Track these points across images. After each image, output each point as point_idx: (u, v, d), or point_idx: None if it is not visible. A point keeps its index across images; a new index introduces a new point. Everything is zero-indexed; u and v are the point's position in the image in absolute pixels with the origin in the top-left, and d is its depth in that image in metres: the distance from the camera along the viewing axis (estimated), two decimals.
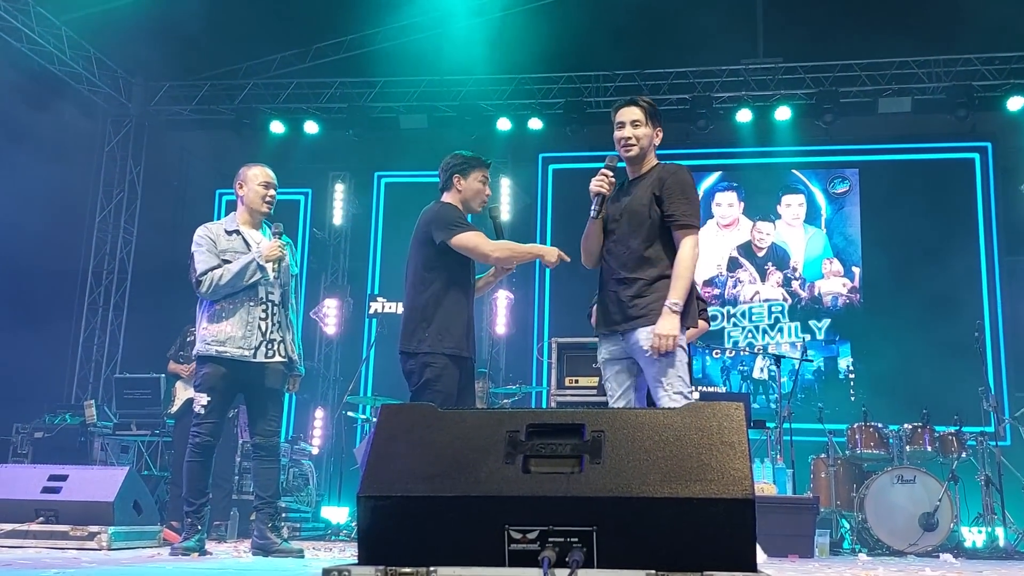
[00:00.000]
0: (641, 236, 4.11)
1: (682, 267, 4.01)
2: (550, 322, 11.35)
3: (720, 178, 11.51)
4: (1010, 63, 10.18)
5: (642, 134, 4.23)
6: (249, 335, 4.94)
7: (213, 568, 4.05)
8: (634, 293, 4.07)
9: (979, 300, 10.57)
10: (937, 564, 5.87)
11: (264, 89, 11.26)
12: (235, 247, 5.04)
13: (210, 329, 4.94)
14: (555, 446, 2.26)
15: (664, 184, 4.11)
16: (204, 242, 5.02)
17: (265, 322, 5.01)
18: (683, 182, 4.12)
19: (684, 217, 4.05)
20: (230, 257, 4.99)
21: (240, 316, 4.95)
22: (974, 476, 7.80)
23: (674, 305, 3.94)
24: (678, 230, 4.05)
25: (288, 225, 11.46)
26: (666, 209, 4.07)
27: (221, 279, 4.92)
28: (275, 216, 5.37)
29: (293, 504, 8.36)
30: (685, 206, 4.06)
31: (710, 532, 2.06)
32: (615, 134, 4.31)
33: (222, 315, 4.95)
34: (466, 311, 4.52)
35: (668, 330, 3.91)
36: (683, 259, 4.02)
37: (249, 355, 4.92)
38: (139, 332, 10.91)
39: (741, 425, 2.20)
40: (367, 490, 2.22)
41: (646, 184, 4.17)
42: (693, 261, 4.03)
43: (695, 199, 4.14)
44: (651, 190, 4.13)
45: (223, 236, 5.06)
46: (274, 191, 5.21)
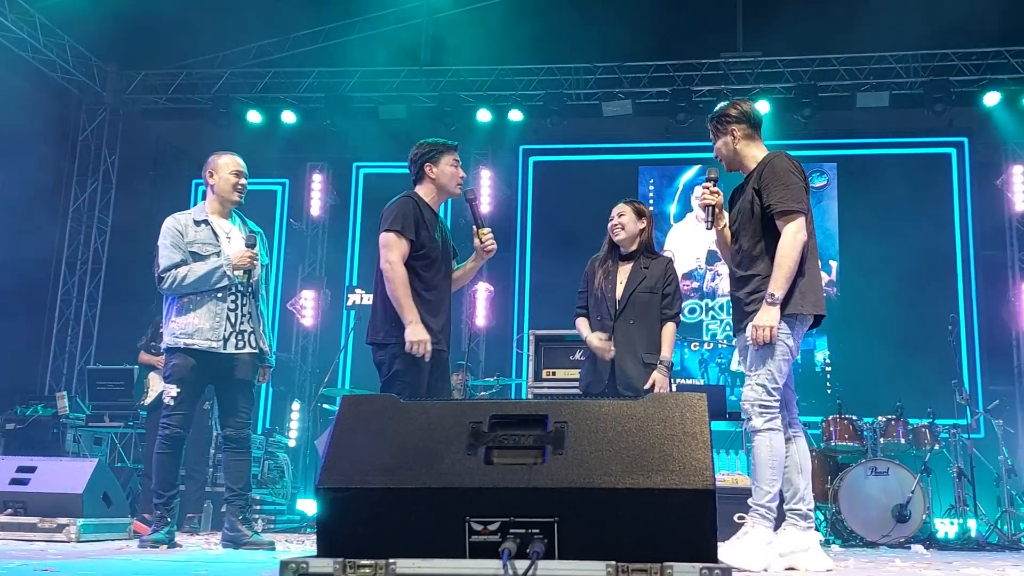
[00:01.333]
0: (749, 233, 4.09)
1: (781, 256, 3.91)
2: (530, 314, 11.34)
3: (700, 172, 11.50)
4: (987, 58, 10.23)
5: (718, 146, 4.25)
6: (218, 326, 4.89)
7: (180, 560, 4.01)
8: (750, 290, 4.06)
9: (954, 294, 10.64)
10: (908, 555, 5.90)
11: (241, 78, 11.17)
12: (203, 238, 4.97)
13: (178, 322, 4.88)
14: (518, 437, 2.24)
15: (761, 175, 4.06)
16: (170, 235, 4.94)
17: (235, 313, 4.96)
18: (777, 168, 4.04)
19: (780, 204, 3.96)
20: (198, 249, 4.92)
21: (208, 308, 4.89)
22: (947, 468, 7.87)
23: (770, 297, 3.89)
24: (779, 219, 3.97)
25: (265, 215, 11.51)
26: (764, 200, 4.01)
27: (184, 280, 4.85)
28: (251, 206, 5.31)
29: (268, 496, 8.31)
30: (781, 192, 3.97)
31: (671, 523, 2.05)
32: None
33: (190, 307, 4.89)
34: (439, 303, 4.48)
35: (764, 321, 3.88)
36: (782, 247, 3.92)
37: (218, 346, 4.87)
38: (113, 323, 10.81)
39: (703, 416, 2.19)
40: (326, 482, 2.19)
41: (752, 180, 4.14)
42: (794, 248, 3.91)
43: (793, 183, 4.01)
44: (752, 185, 4.10)
45: (191, 227, 4.99)
46: (245, 180, 5.14)
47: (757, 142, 4.25)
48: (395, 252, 4.33)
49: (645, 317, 4.78)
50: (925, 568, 4.50)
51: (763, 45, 10.66)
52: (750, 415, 3.98)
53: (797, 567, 3.95)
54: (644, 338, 4.75)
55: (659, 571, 1.98)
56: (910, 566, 4.65)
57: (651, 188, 11.51)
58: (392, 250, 4.33)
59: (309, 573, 2.11)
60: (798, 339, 4.03)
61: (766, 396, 3.95)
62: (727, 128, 4.21)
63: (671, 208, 11.48)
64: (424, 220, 4.44)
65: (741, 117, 4.21)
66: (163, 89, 11.33)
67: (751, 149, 4.21)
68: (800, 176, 4.06)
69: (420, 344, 4.22)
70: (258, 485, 8.29)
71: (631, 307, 4.79)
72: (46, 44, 10.09)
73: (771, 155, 4.14)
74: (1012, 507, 7.92)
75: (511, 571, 1.98)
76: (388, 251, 4.34)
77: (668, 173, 11.61)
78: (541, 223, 11.59)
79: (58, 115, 10.95)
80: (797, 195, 3.98)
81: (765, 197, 4.00)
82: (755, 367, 3.97)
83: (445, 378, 4.55)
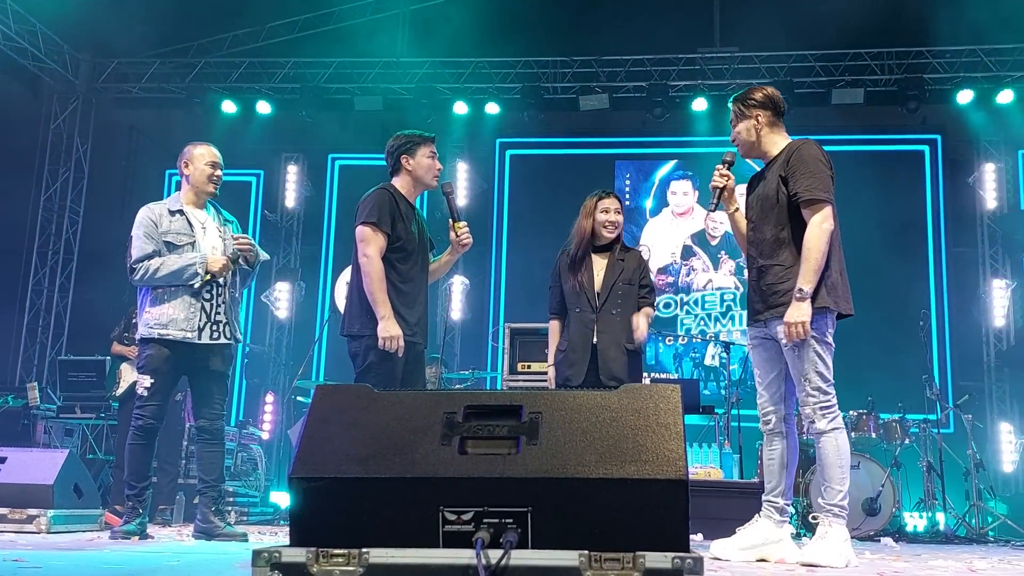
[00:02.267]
0: (772, 221, 4.02)
1: (808, 247, 3.84)
2: (505, 307, 11.34)
3: (676, 167, 11.55)
4: (960, 56, 10.33)
5: (739, 129, 4.17)
6: (192, 317, 4.86)
7: (152, 552, 3.98)
8: (772, 280, 3.99)
9: (926, 290, 10.75)
10: (877, 548, 5.96)
11: (216, 68, 11.08)
12: (177, 228, 4.93)
13: (152, 312, 4.85)
14: (492, 427, 2.24)
15: (788, 162, 3.99)
16: (144, 225, 4.90)
17: (210, 303, 4.92)
18: (806, 156, 3.96)
19: (807, 192, 3.88)
20: (172, 239, 4.89)
21: (183, 299, 4.86)
22: (916, 462, 7.96)
23: (799, 292, 3.82)
24: (805, 208, 3.90)
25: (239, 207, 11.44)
26: (791, 188, 3.93)
27: (157, 272, 4.81)
28: (225, 197, 5.28)
29: (241, 488, 8.27)
30: (808, 180, 3.89)
31: (644, 513, 2.06)
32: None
33: (164, 297, 4.86)
34: (415, 295, 4.47)
35: (795, 317, 3.82)
36: (809, 239, 3.84)
37: (193, 337, 4.84)
38: (85, 314, 10.71)
39: (677, 407, 2.20)
40: (299, 471, 2.19)
41: (776, 167, 4.07)
42: (821, 240, 3.84)
43: (821, 172, 3.93)
44: (778, 172, 4.02)
45: (166, 217, 4.95)
46: (220, 171, 5.10)
47: (780, 130, 4.18)
48: (372, 246, 4.31)
49: (626, 308, 4.82)
50: (894, 560, 4.56)
51: (739, 41, 10.71)
52: (812, 419, 3.93)
53: (768, 558, 3.99)
54: (626, 328, 4.80)
55: (631, 560, 1.99)
56: (879, 558, 4.70)
57: (627, 182, 11.54)
58: (369, 244, 4.32)
59: (282, 563, 2.10)
60: (831, 332, 3.97)
61: (823, 397, 3.91)
62: (752, 112, 4.14)
63: (647, 203, 11.51)
64: (400, 212, 4.42)
65: (767, 102, 4.15)
66: (137, 78, 11.22)
67: (774, 136, 4.15)
68: (828, 166, 4.00)
69: (392, 340, 4.22)
70: (231, 477, 8.25)
71: (613, 298, 4.81)
72: (17, 31, 9.97)
73: (799, 142, 4.06)
74: (980, 501, 8.02)
75: (484, 561, 1.98)
76: (365, 245, 4.32)
77: (644, 168, 11.64)
78: (517, 216, 11.59)
79: (29, 103, 10.82)
80: (825, 184, 3.92)
81: (792, 184, 3.93)
82: (803, 375, 3.92)
83: (420, 371, 4.54)
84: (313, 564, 2.09)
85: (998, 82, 10.29)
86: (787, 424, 4.12)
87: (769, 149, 4.14)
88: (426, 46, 10.62)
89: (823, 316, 3.92)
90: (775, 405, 4.14)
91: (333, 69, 10.94)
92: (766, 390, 4.16)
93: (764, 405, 4.18)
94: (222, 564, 3.39)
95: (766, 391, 4.16)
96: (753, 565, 3.85)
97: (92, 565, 3.25)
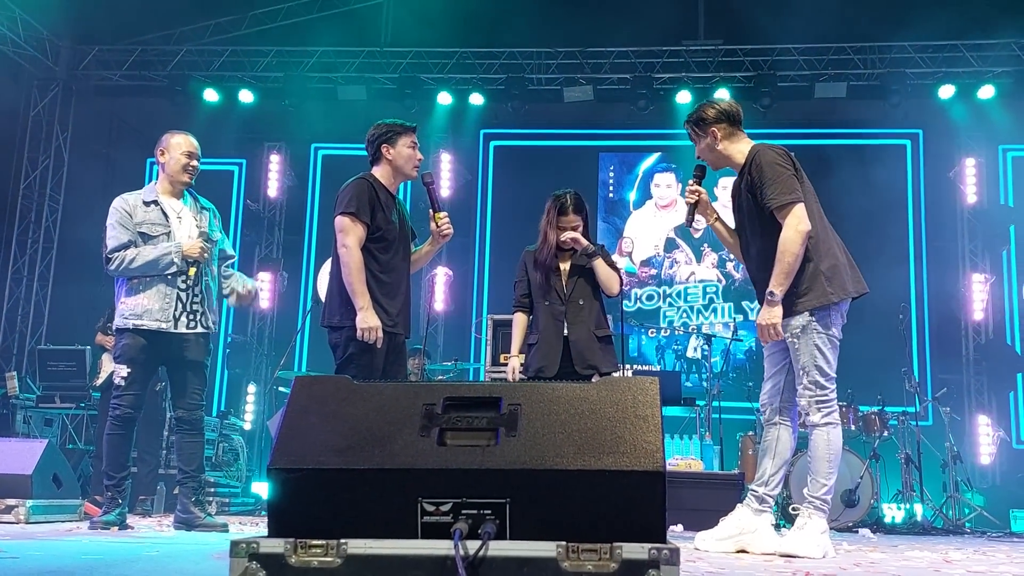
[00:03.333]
0: (758, 232, 4.08)
1: (781, 251, 3.90)
2: (489, 299, 11.34)
3: (659, 159, 11.57)
4: (942, 52, 10.38)
5: (700, 149, 4.24)
6: (167, 307, 4.83)
7: (131, 542, 3.97)
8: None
9: (906, 284, 10.82)
10: (855, 539, 6.01)
11: (198, 56, 11.01)
12: (152, 219, 4.90)
13: (127, 302, 4.83)
14: (471, 419, 2.24)
15: (750, 175, 4.04)
16: (118, 215, 4.88)
17: (186, 293, 4.90)
18: (763, 164, 4.01)
19: (773, 200, 3.94)
20: (147, 229, 4.86)
21: (159, 289, 4.83)
22: (895, 454, 8.02)
23: (770, 296, 3.91)
24: (778, 215, 3.95)
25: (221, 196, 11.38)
26: (760, 201, 3.99)
27: (132, 263, 4.79)
28: (207, 186, 5.25)
29: (223, 479, 8.25)
30: (771, 188, 3.95)
31: (621, 504, 2.06)
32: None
33: (140, 288, 4.83)
34: (396, 285, 4.46)
35: (766, 319, 3.92)
36: (783, 242, 3.90)
37: (168, 326, 4.82)
38: (65, 303, 10.65)
39: (655, 399, 2.21)
40: (278, 462, 2.18)
41: (743, 181, 4.12)
42: (794, 242, 3.89)
43: (780, 175, 3.97)
44: (746, 186, 4.08)
45: (140, 207, 4.92)
46: (197, 161, 5.07)
47: (740, 137, 4.22)
48: (351, 236, 4.30)
49: (591, 297, 4.92)
50: (871, 551, 4.60)
51: (724, 34, 10.73)
52: (808, 411, 4.00)
53: (747, 548, 4.02)
54: (593, 315, 4.90)
55: (609, 551, 1.99)
56: (856, 549, 4.75)
57: (611, 175, 11.55)
58: (348, 234, 4.31)
59: (260, 553, 2.10)
60: (838, 325, 4.03)
61: (819, 391, 3.97)
62: (707, 131, 4.19)
63: (631, 195, 11.53)
64: (380, 202, 4.41)
65: (720, 117, 4.19)
66: (118, 65, 11.14)
67: (736, 145, 4.19)
68: (788, 164, 4.04)
69: (370, 331, 4.21)
70: (212, 468, 8.23)
71: (579, 289, 4.90)
72: None
73: (754, 151, 4.11)
74: (957, 493, 8.11)
75: (462, 551, 1.99)
76: (344, 235, 4.31)
77: (628, 160, 11.66)
78: (501, 208, 11.58)
79: (8, 90, 10.72)
80: (788, 186, 3.95)
81: (760, 197, 3.99)
82: (803, 368, 3.97)
83: (401, 362, 4.54)
84: (291, 555, 2.09)
85: (979, 78, 10.36)
86: (785, 416, 4.16)
87: (735, 159, 4.20)
88: (410, 36, 10.58)
89: (826, 311, 3.96)
90: (770, 397, 4.23)
91: (316, 58, 10.89)
92: (767, 382, 4.26)
93: (762, 397, 4.29)
94: (201, 555, 3.38)
95: (768, 382, 4.26)
96: (731, 556, 3.87)
97: (70, 555, 3.23)
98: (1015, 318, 10.74)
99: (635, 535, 2.04)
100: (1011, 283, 10.81)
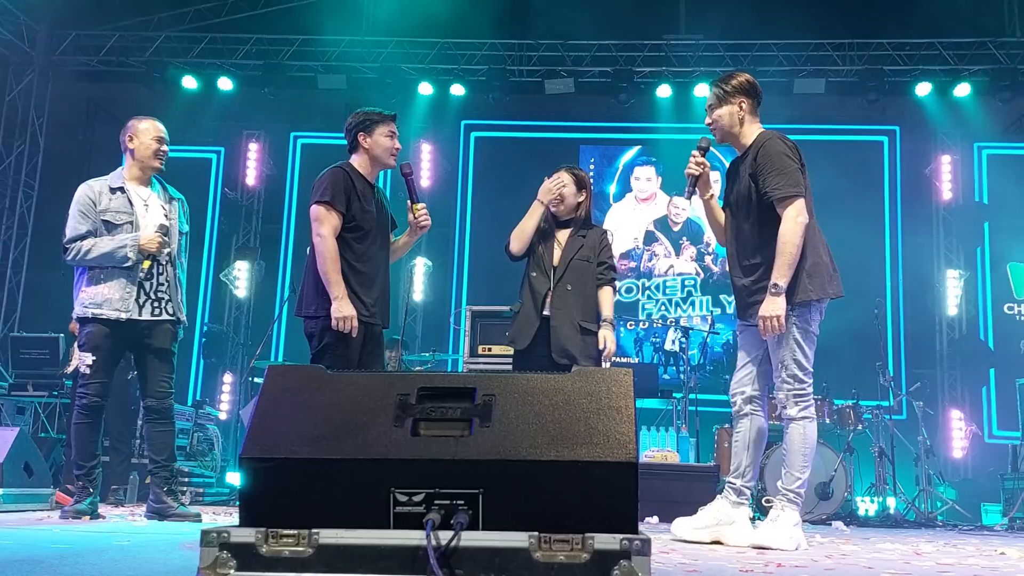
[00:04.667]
0: (751, 219, 4.03)
1: (782, 243, 3.87)
2: (468, 290, 11.33)
3: (639, 152, 11.59)
4: (920, 49, 10.44)
5: (719, 114, 4.13)
6: (127, 296, 4.77)
7: (102, 532, 3.94)
8: (757, 277, 4.02)
9: (882, 278, 10.90)
10: (828, 531, 6.06)
11: (176, 42, 10.91)
12: (117, 206, 4.85)
13: (88, 291, 4.78)
14: (445, 409, 2.23)
15: (756, 160, 3.99)
16: (81, 203, 4.82)
17: (149, 282, 4.85)
18: (771, 152, 3.96)
19: (776, 190, 3.90)
20: (110, 217, 4.81)
21: (119, 279, 4.78)
22: (869, 448, 8.08)
23: (774, 288, 3.86)
24: (778, 205, 3.91)
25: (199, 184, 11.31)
26: (761, 188, 3.94)
27: (88, 254, 4.75)
28: (185, 173, 5.21)
29: (197, 469, 8.21)
30: (776, 178, 3.91)
31: (594, 495, 2.07)
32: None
33: (100, 277, 4.78)
34: (373, 274, 4.44)
35: (770, 311, 3.86)
36: (784, 234, 3.87)
37: (127, 315, 4.76)
38: (39, 291, 10.54)
39: (629, 391, 2.21)
40: (250, 451, 2.17)
41: (746, 163, 4.07)
42: (795, 234, 3.86)
43: (787, 167, 3.94)
44: (748, 169, 4.03)
45: (106, 194, 4.86)
46: (166, 147, 5.01)
47: (755, 119, 4.19)
48: (326, 225, 4.28)
49: (581, 284, 4.72)
50: (843, 543, 4.63)
51: (705, 29, 10.74)
52: (785, 404, 3.99)
53: (723, 541, 4.04)
54: (580, 304, 4.69)
55: (581, 541, 2.00)
56: (829, 541, 4.78)
57: (592, 167, 11.55)
58: (323, 223, 4.28)
59: (231, 542, 2.08)
60: (816, 321, 4.01)
61: (797, 385, 3.97)
62: (735, 98, 4.13)
63: (611, 188, 11.54)
64: (356, 191, 4.38)
65: (750, 89, 4.15)
66: (95, 51, 11.01)
67: (750, 126, 4.16)
68: (795, 157, 4.01)
69: (345, 321, 4.19)
70: (187, 457, 8.18)
71: (569, 273, 4.72)
72: None
73: (764, 137, 4.07)
74: (929, 486, 8.19)
75: (434, 541, 1.98)
76: (319, 224, 4.29)
77: (609, 153, 11.67)
78: (481, 199, 11.57)
79: None
80: (793, 179, 3.93)
81: (761, 184, 3.95)
82: (781, 361, 3.96)
83: (379, 352, 4.51)
84: (262, 544, 2.08)
85: (956, 75, 10.43)
86: (756, 406, 4.17)
87: (743, 140, 4.16)
88: (392, 25, 10.53)
89: (807, 307, 3.96)
90: (743, 387, 4.20)
91: (296, 46, 10.82)
92: (740, 371, 4.23)
93: (734, 386, 4.26)
94: (172, 544, 3.36)
95: (739, 372, 4.23)
96: (704, 548, 3.89)
97: (40, 544, 3.21)
98: (988, 314, 10.85)
99: (607, 526, 2.04)
100: (985, 279, 10.92)
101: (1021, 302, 10.81)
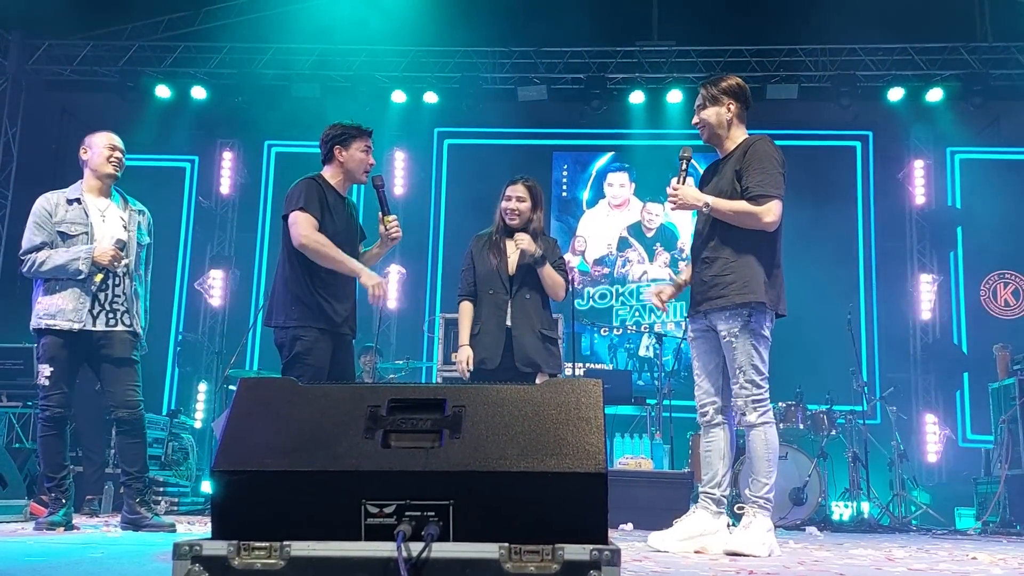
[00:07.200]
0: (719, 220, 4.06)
1: (742, 206, 3.96)
2: (442, 298, 11.33)
3: (612, 159, 11.65)
4: (892, 55, 10.55)
5: (707, 115, 4.18)
6: (81, 307, 4.77)
7: (77, 543, 3.92)
8: (716, 272, 4.03)
9: (855, 283, 11.00)
10: (802, 536, 6.10)
11: (150, 51, 10.87)
12: (72, 218, 4.86)
13: (43, 302, 4.79)
14: (415, 421, 2.24)
15: (744, 156, 4.04)
16: (37, 215, 4.85)
17: (104, 293, 4.84)
18: (761, 153, 4.02)
19: (758, 188, 3.96)
20: (66, 228, 4.82)
21: (73, 290, 4.78)
22: (843, 453, 8.15)
23: (706, 206, 4.01)
24: (755, 200, 3.96)
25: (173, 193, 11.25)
26: (743, 183, 3.99)
27: (43, 266, 4.77)
28: (159, 182, 5.23)
29: (172, 478, 8.15)
30: (760, 176, 3.96)
31: (564, 505, 2.08)
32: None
33: (55, 288, 4.79)
34: (344, 286, 4.45)
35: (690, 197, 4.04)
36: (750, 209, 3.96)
37: (80, 326, 4.75)
38: (12, 301, 10.43)
39: (598, 401, 2.23)
40: (222, 464, 2.17)
41: (731, 162, 4.11)
42: (753, 218, 3.95)
43: (773, 169, 4.00)
44: (734, 166, 4.07)
45: (63, 206, 4.88)
46: (120, 153, 5.01)
47: (743, 124, 4.24)
48: (307, 227, 4.29)
49: (538, 291, 4.79)
50: (816, 549, 4.67)
51: (677, 35, 10.81)
52: (744, 411, 4.01)
53: (706, 550, 4.06)
54: (538, 311, 4.76)
55: (551, 552, 2.01)
56: (802, 547, 4.82)
57: (565, 174, 11.60)
58: (303, 225, 4.30)
59: (203, 555, 2.09)
60: (769, 328, 4.04)
61: (755, 390, 3.99)
62: (725, 100, 4.18)
63: (584, 194, 11.59)
64: (327, 203, 4.41)
65: (740, 93, 4.20)
66: (69, 60, 10.94)
67: (736, 129, 4.20)
68: (781, 164, 4.07)
69: (378, 286, 4.25)
70: (162, 467, 8.13)
71: (525, 282, 4.77)
72: None
73: (755, 138, 4.13)
74: (903, 491, 8.26)
75: (405, 553, 2.00)
76: (299, 227, 4.30)
77: (582, 159, 11.72)
78: (455, 206, 11.56)
79: None
80: (776, 181, 3.99)
81: (746, 179, 4.00)
82: (739, 367, 3.98)
83: (349, 360, 4.53)
84: (234, 557, 2.08)
85: (928, 81, 10.54)
86: (726, 416, 4.19)
87: (727, 143, 4.21)
88: (365, 34, 10.53)
89: (761, 312, 3.99)
90: (712, 397, 4.20)
91: (270, 55, 10.80)
92: (704, 382, 4.22)
93: (701, 397, 4.24)
94: (145, 556, 3.35)
95: (704, 383, 4.22)
96: (678, 555, 3.92)
97: (13, 557, 3.19)
98: (961, 318, 10.97)
99: (577, 536, 2.05)
100: (958, 284, 11.03)
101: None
